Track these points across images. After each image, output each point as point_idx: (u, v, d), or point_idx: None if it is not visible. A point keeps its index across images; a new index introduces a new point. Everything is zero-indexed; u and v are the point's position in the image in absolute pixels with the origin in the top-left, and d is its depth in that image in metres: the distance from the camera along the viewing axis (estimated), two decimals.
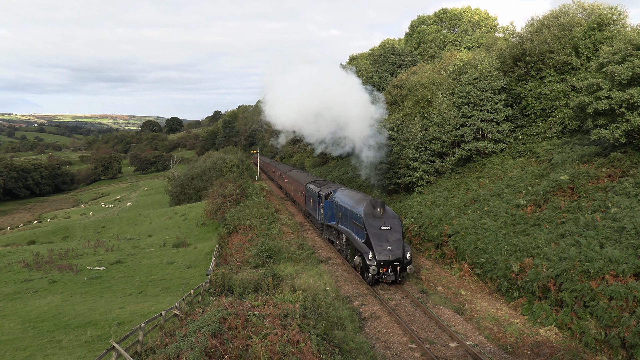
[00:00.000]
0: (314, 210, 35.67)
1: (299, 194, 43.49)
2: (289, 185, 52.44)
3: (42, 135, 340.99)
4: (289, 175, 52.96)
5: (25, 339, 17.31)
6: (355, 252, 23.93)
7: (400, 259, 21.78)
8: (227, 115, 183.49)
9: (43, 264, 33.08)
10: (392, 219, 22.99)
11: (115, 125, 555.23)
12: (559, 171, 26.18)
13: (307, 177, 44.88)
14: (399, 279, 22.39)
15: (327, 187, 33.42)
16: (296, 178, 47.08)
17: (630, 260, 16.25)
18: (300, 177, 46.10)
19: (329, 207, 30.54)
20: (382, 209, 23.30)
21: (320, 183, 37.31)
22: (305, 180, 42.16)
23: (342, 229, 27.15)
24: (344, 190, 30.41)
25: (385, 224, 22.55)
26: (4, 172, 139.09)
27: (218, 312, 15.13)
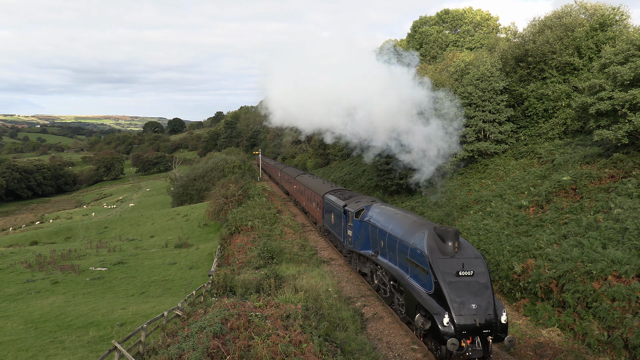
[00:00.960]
0: (336, 229, 28.38)
1: (314, 204, 36.40)
2: (299, 194, 45.44)
3: (45, 136, 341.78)
4: (299, 181, 45.26)
5: (28, 340, 17.34)
6: (415, 307, 15.99)
7: (493, 323, 14.28)
8: (229, 116, 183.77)
9: (45, 264, 33.12)
10: (473, 258, 15.33)
11: (117, 126, 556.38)
12: (562, 172, 26.14)
13: (324, 184, 37.03)
14: (490, 356, 14.37)
15: (356, 201, 25.78)
16: (309, 185, 39.56)
17: (633, 261, 16.21)
18: (314, 185, 38.20)
19: (361, 230, 23.28)
20: (456, 242, 15.65)
21: (343, 193, 30.13)
22: (322, 188, 34.79)
23: (385, 265, 19.60)
24: (382, 208, 22.64)
25: (464, 268, 14.91)
26: (7, 173, 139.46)
27: (220, 313, 15.13)
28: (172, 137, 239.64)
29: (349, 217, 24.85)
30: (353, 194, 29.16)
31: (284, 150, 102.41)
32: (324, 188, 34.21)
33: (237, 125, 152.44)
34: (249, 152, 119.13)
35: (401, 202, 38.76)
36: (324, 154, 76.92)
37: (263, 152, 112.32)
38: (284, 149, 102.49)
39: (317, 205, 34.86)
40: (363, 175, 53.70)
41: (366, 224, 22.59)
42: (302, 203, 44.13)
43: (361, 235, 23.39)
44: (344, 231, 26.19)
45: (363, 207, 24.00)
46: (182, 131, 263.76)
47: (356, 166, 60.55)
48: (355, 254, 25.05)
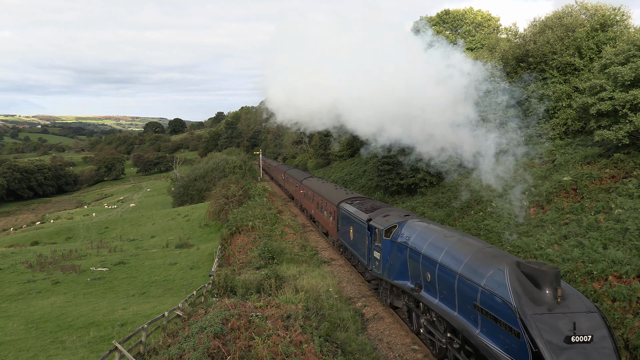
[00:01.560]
0: (356, 247, 23.49)
1: (326, 214, 31.83)
2: (306, 200, 40.83)
3: (46, 137, 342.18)
4: (307, 185, 40.59)
5: (29, 340, 17.36)
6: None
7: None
8: (229, 116, 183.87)
9: (46, 264, 33.15)
10: (586, 313, 10.40)
11: (118, 126, 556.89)
12: (562, 172, 26.14)
13: (336, 190, 32.43)
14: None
15: (383, 214, 20.87)
16: (320, 191, 34.69)
17: (634, 262, 16.20)
18: (326, 191, 33.32)
19: (394, 253, 18.39)
20: (558, 288, 10.72)
21: (364, 203, 25.50)
22: (336, 195, 29.99)
23: (436, 307, 14.69)
24: (422, 226, 17.56)
25: (577, 330, 9.98)
26: (8, 173, 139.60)
27: (221, 313, 15.15)
28: (173, 137, 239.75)
29: (376, 235, 19.89)
30: (376, 204, 24.31)
31: (285, 150, 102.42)
32: (339, 195, 29.41)
33: (238, 125, 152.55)
34: (250, 152, 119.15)
35: (402, 203, 38.75)
36: (324, 154, 76.95)
37: (264, 152, 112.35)
38: (285, 149, 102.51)
39: (330, 215, 30.10)
40: (364, 176, 53.71)
41: (401, 246, 17.72)
42: (309, 210, 39.53)
43: (394, 260, 18.34)
44: (368, 252, 21.12)
45: (395, 223, 19.07)
46: (183, 131, 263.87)
47: (357, 166, 60.55)
48: (385, 283, 19.85)
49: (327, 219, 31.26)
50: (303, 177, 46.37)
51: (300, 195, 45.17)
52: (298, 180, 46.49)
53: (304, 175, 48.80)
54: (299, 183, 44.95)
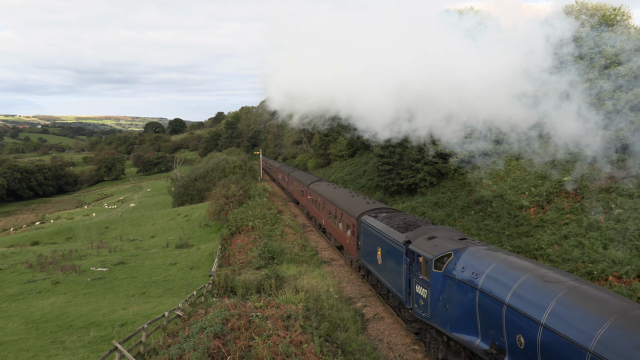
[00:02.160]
0: (387, 274, 18.50)
1: (341, 226, 26.91)
2: (315, 207, 36.17)
3: (46, 137, 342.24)
4: (316, 191, 35.79)
5: (29, 340, 17.35)
6: None
7: None
8: (229, 116, 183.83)
9: (46, 264, 33.14)
10: None
11: (118, 126, 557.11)
12: (562, 172, 26.14)
13: (353, 198, 27.87)
14: None
15: (427, 235, 15.99)
16: (333, 199, 29.95)
17: (634, 262, 16.20)
18: (342, 199, 28.55)
19: (453, 293, 13.59)
20: None
21: (393, 216, 20.50)
22: (355, 205, 25.37)
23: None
24: (497, 257, 12.86)
25: None
26: (8, 173, 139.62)
27: (221, 313, 15.15)
28: (173, 137, 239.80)
29: (421, 265, 14.93)
30: (409, 219, 19.28)
31: (285, 150, 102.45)
32: (359, 205, 24.78)
33: (238, 125, 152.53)
34: (250, 152, 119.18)
35: (402, 203, 38.77)
36: (324, 154, 76.97)
37: (264, 152, 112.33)
38: (285, 149, 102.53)
39: (347, 228, 25.29)
40: (364, 176, 53.72)
41: (465, 285, 12.87)
42: (319, 219, 34.78)
43: (451, 303, 13.45)
44: (406, 284, 16.20)
45: (449, 250, 13.97)
46: (183, 131, 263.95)
47: (357, 166, 60.55)
48: (437, 332, 14.70)
49: (343, 233, 26.30)
50: (310, 180, 41.62)
51: (307, 201, 40.55)
52: (304, 183, 42.38)
53: (311, 178, 43.76)
54: (306, 187, 40.79)
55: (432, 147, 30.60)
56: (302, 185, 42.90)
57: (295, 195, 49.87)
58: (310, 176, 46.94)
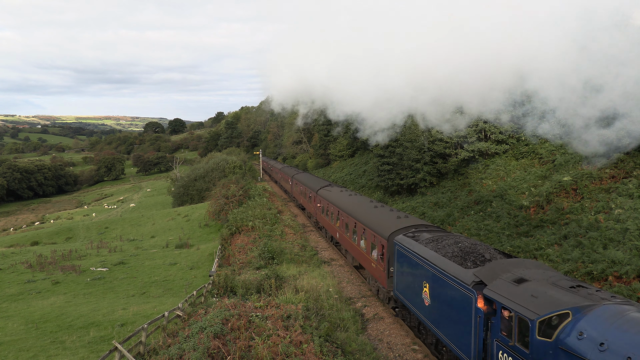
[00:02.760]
0: (441, 323, 13.94)
1: (364, 244, 22.24)
2: (326, 217, 31.72)
3: (46, 137, 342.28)
4: (327, 198, 31.35)
5: (29, 340, 17.35)
6: None
7: None
8: (229, 116, 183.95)
9: (46, 264, 33.14)
10: None
11: (118, 126, 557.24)
12: (562, 172, 26.15)
13: (380, 210, 22.81)
14: None
15: (510, 274, 11.49)
16: (352, 210, 25.13)
17: (634, 262, 16.20)
18: (364, 211, 23.58)
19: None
20: None
21: (440, 238, 15.96)
22: (384, 221, 20.56)
23: None
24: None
25: None
26: (8, 173, 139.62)
27: (221, 313, 15.15)
28: (173, 137, 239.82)
29: (509, 324, 10.43)
30: (466, 243, 14.49)
31: (285, 150, 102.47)
32: (389, 220, 20.21)
33: (238, 125, 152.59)
34: (250, 152, 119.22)
35: (402, 203, 38.78)
36: (324, 154, 77.01)
37: (264, 152, 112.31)
38: (285, 149, 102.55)
39: (373, 249, 20.68)
40: (364, 176, 53.74)
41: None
42: (332, 231, 30.14)
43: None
44: (478, 347, 11.60)
45: (564, 309, 9.31)
46: (182, 131, 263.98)
47: (357, 166, 60.57)
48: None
49: (367, 254, 21.61)
50: (319, 184, 37.17)
51: (315, 209, 36.12)
52: (312, 188, 37.98)
53: (320, 182, 38.89)
54: (314, 193, 36.48)
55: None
56: (310, 190, 38.73)
57: (300, 200, 45.20)
58: (318, 180, 41.67)
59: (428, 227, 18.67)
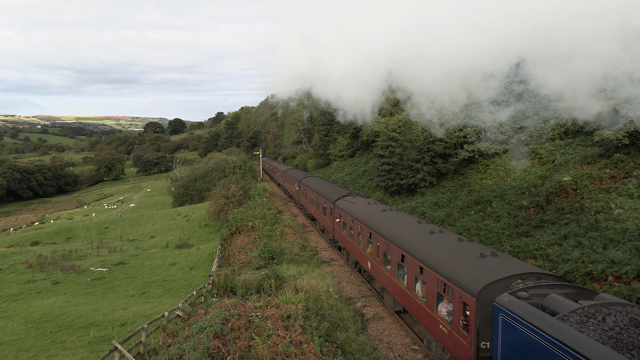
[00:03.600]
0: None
1: (426, 295, 15.24)
2: (352, 240, 24.64)
3: (46, 137, 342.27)
4: (352, 213, 24.87)
5: (29, 340, 17.35)
6: None
7: None
8: (229, 116, 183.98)
9: (46, 264, 33.14)
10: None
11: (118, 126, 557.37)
12: (562, 172, 26.14)
13: (443, 238, 16.43)
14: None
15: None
16: (401, 240, 17.73)
17: (634, 262, 16.20)
18: (417, 241, 16.82)
19: None
20: None
21: (598, 310, 9.18)
22: (460, 264, 13.66)
23: None
24: None
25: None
26: (8, 173, 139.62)
27: (221, 313, 15.15)
28: (173, 137, 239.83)
29: None
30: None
31: (285, 150, 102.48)
32: (468, 261, 13.68)
33: (238, 125, 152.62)
34: (250, 152, 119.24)
35: (402, 203, 38.79)
36: (324, 154, 77.03)
37: (264, 152, 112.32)
38: (285, 150, 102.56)
39: (441, 299, 14.26)
40: (364, 176, 53.74)
41: None
42: (361, 259, 23.02)
43: None
44: None
45: None
46: (182, 131, 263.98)
47: (357, 166, 60.57)
48: None
49: (426, 306, 14.97)
50: (337, 193, 30.69)
51: (333, 224, 29.11)
52: (327, 198, 31.32)
53: (337, 190, 32.56)
54: (331, 204, 29.63)
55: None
56: (324, 199, 32.18)
57: (310, 210, 39.16)
58: (333, 187, 35.30)
59: (541, 276, 11.97)
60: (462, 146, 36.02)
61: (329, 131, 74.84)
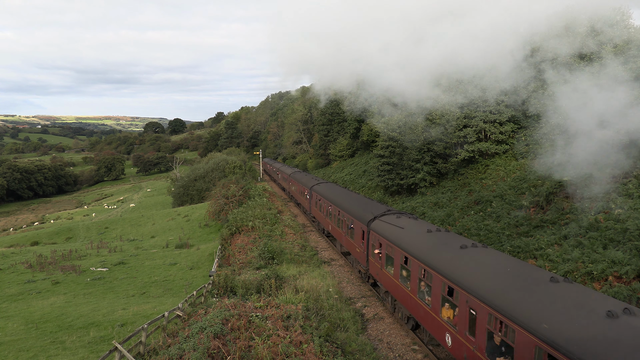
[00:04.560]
0: None
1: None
2: (401, 282, 17.20)
3: (46, 137, 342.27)
4: (405, 246, 17.07)
5: (29, 340, 17.34)
6: None
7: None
8: (229, 116, 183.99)
9: (46, 265, 33.12)
10: None
11: (118, 126, 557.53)
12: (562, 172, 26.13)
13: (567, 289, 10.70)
14: None
15: None
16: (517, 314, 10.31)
17: (634, 262, 16.20)
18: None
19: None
20: None
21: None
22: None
23: None
24: None
25: None
26: (8, 173, 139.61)
27: (221, 314, 15.14)
28: (173, 137, 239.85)
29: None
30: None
31: (285, 150, 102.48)
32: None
33: (238, 125, 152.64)
34: (250, 152, 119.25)
35: (402, 203, 38.78)
36: (324, 154, 77.04)
37: (264, 152, 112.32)
38: (285, 150, 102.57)
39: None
40: (364, 176, 53.72)
41: None
42: (417, 314, 16.01)
43: None
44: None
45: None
46: (182, 131, 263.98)
47: (357, 166, 60.56)
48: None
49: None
50: (371, 210, 23.34)
51: (368, 256, 22.02)
52: (358, 217, 23.89)
53: (371, 205, 24.80)
54: (365, 227, 22.20)
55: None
56: (353, 218, 24.79)
57: (324, 223, 33.03)
58: (364, 200, 27.40)
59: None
60: (462, 146, 36.03)
61: (329, 131, 74.85)
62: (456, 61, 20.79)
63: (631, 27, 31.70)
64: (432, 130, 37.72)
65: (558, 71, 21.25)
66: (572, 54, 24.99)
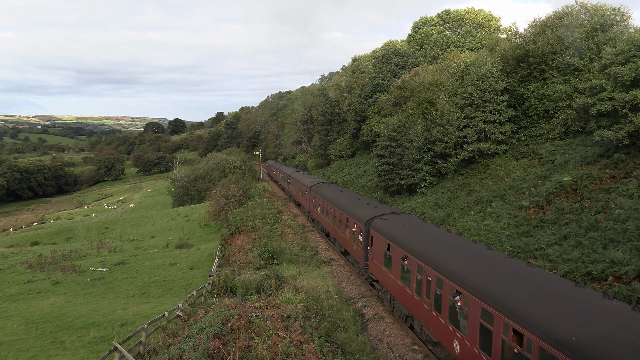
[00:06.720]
0: None
1: None
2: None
3: (46, 137, 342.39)
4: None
5: (29, 340, 17.34)
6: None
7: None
8: (229, 116, 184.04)
9: (46, 265, 33.12)
10: None
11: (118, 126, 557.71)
12: (562, 172, 26.13)
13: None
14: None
15: None
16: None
17: (634, 262, 16.19)
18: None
19: None
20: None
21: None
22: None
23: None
24: None
25: None
26: (8, 173, 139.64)
27: (220, 314, 15.14)
28: (173, 137, 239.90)
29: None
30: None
31: (285, 150, 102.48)
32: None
33: (238, 125, 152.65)
34: (250, 152, 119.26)
35: (402, 203, 38.77)
36: (324, 154, 77.05)
37: (264, 152, 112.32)
38: (285, 150, 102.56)
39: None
40: (364, 176, 53.71)
41: None
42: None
43: None
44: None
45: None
46: (183, 132, 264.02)
47: (357, 166, 60.56)
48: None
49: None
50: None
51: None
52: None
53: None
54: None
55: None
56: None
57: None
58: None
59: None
60: (462, 146, 36.03)
61: (329, 131, 74.86)
62: None
63: (631, 27, 31.74)
64: (432, 131, 37.72)
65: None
66: None
